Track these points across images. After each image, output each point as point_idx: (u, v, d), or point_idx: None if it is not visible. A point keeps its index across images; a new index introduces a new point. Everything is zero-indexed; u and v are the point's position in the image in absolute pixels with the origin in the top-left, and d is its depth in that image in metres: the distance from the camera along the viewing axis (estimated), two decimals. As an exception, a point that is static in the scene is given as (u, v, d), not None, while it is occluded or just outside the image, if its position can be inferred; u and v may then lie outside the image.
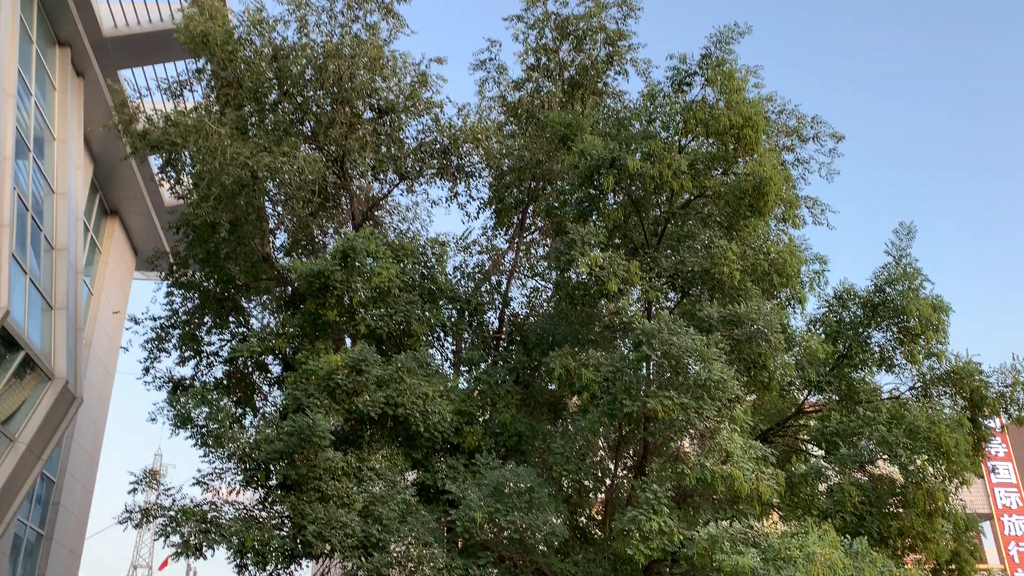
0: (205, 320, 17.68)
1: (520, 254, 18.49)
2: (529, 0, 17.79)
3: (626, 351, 13.35)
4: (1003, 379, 14.24)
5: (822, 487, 13.92)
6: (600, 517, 15.52)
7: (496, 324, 17.60)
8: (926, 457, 13.29)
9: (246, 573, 13.44)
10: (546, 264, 18.01)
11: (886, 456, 13.59)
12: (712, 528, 11.00)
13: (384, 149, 17.01)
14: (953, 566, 14.36)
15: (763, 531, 11.77)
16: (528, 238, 18.92)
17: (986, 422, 14.72)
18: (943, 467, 13.46)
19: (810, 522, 11.52)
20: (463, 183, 18.21)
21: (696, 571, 11.19)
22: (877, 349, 14.89)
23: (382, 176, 17.79)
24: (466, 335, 17.26)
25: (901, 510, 13.47)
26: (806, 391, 15.51)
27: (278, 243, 18.40)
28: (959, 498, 14.65)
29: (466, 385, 15.82)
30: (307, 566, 14.33)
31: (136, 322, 17.91)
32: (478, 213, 18.73)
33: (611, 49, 17.82)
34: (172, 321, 17.66)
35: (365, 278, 14.26)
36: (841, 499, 12.94)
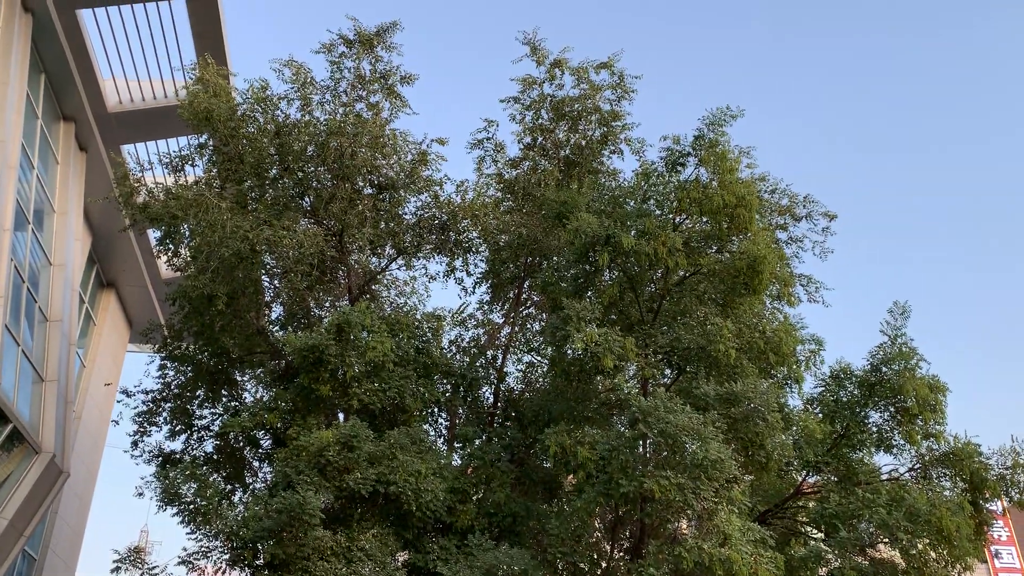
0: (197, 393, 17.51)
1: (516, 329, 18.47)
2: (525, 83, 18.24)
3: (622, 429, 13.21)
4: (1003, 461, 14.10)
5: (822, 571, 13.59)
6: (596, 601, 15.09)
7: (491, 399, 17.46)
8: (927, 541, 13.03)
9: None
10: (542, 339, 17.97)
11: (887, 539, 13.33)
12: (711, 614, 10.69)
13: (383, 224, 17.17)
14: (959, 655, 13.92)
15: (763, 617, 11.44)
16: (524, 313, 18.93)
17: (987, 505, 14.50)
18: (945, 551, 13.18)
19: (811, 608, 11.21)
20: (460, 258, 18.32)
21: (695, 659, 10.83)
22: (875, 429, 14.78)
23: (380, 251, 17.91)
24: (460, 410, 17.09)
25: (904, 596, 13.14)
26: (804, 471, 15.31)
27: (273, 316, 18.39)
28: (963, 584, 14.32)
29: (460, 462, 15.58)
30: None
31: (128, 395, 17.73)
32: (474, 288, 18.78)
33: (606, 129, 18.20)
34: (164, 394, 17.49)
35: (359, 352, 14.19)
36: (842, 584, 12.63)
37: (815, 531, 15.02)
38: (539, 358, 18.46)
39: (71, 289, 20.21)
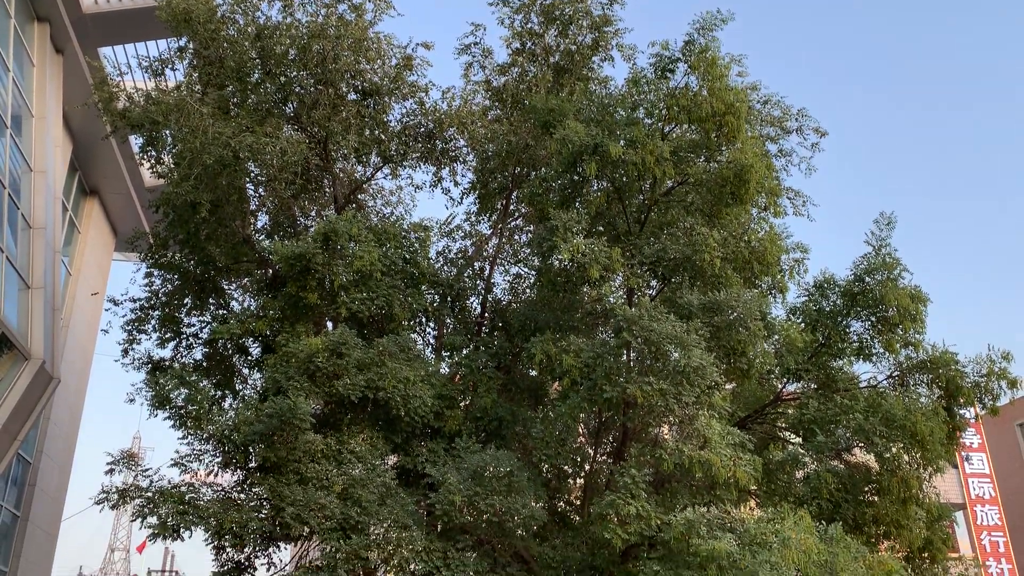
0: (185, 302, 17.53)
1: (503, 240, 18.45)
2: (515, -16, 17.67)
3: (607, 337, 13.39)
4: (978, 369, 14.40)
5: (799, 474, 14.04)
6: (579, 502, 15.60)
7: (478, 309, 17.59)
8: (901, 445, 13.44)
9: (224, 555, 13.40)
10: (529, 250, 17.99)
11: (862, 444, 13.74)
12: (689, 513, 11.08)
13: (368, 132, 16.89)
14: (926, 554, 14.55)
15: (740, 517, 11.87)
16: (511, 224, 18.88)
17: (961, 412, 14.90)
18: (918, 455, 13.62)
19: (786, 508, 11.62)
20: (447, 167, 18.13)
21: (673, 555, 11.26)
22: (856, 338, 15.02)
23: (365, 159, 17.67)
24: (448, 320, 17.23)
25: (876, 498, 13.63)
26: (785, 379, 15.62)
27: (259, 225, 18.27)
28: (933, 487, 14.84)
29: (447, 370, 15.81)
30: (285, 548, 14.29)
31: (116, 303, 17.74)
32: (462, 198, 18.65)
33: (597, 35, 17.73)
34: (152, 302, 17.50)
35: (347, 261, 14.18)
36: (817, 486, 13.08)
37: (793, 436, 15.43)
38: (526, 269, 18.53)
39: (54, 196, 19.96)
